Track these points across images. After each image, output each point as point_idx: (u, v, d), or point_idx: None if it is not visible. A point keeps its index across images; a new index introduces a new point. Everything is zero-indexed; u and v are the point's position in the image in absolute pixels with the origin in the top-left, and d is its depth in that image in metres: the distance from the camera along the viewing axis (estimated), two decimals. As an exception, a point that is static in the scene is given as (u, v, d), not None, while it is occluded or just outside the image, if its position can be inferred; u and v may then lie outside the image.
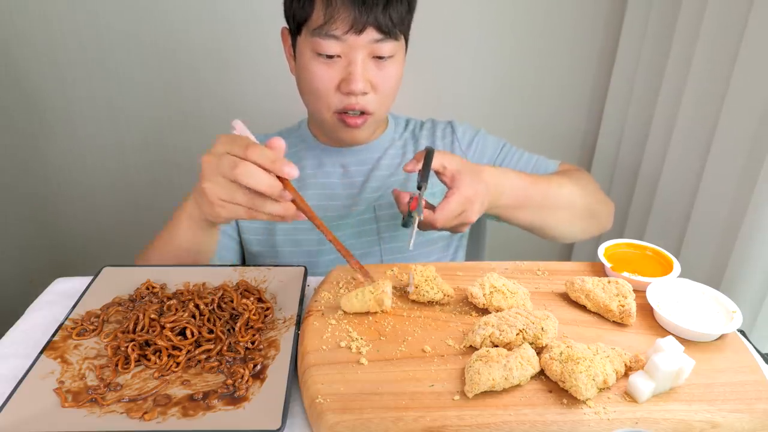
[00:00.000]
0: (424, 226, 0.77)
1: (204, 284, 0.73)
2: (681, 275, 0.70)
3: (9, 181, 1.58)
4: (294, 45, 0.89)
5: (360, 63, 0.83)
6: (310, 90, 0.88)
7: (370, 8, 0.80)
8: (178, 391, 0.56)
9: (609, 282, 0.67)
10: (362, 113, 0.88)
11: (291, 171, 0.61)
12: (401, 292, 0.70)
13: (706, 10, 1.11)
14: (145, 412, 0.53)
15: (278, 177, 0.62)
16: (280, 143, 0.64)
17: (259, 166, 0.61)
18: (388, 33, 0.82)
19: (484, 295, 0.65)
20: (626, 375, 0.56)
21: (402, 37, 0.88)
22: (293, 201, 0.65)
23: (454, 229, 0.80)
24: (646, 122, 1.37)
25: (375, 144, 1.01)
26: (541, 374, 0.56)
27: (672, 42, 1.23)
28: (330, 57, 0.83)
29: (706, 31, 1.12)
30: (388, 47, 0.84)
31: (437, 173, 0.78)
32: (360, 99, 0.86)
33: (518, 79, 1.54)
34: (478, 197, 0.77)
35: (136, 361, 0.59)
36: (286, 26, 0.91)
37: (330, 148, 1.00)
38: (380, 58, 0.84)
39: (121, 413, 0.53)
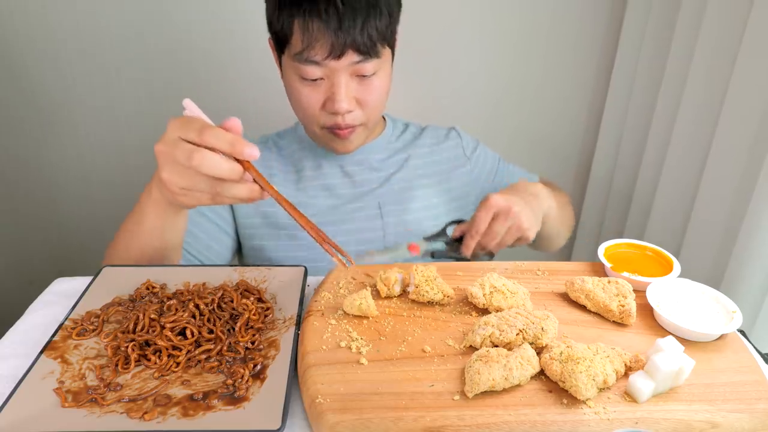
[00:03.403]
0: (476, 249, 0.79)
1: (204, 284, 0.73)
2: (681, 275, 0.70)
3: (9, 181, 1.58)
4: (280, 58, 0.89)
5: (343, 84, 0.83)
6: (298, 108, 0.89)
7: (347, 31, 0.78)
8: (178, 391, 0.56)
9: (609, 282, 0.67)
10: (350, 126, 0.88)
11: (251, 152, 0.58)
12: (401, 292, 0.70)
13: (706, 10, 1.11)
14: (145, 412, 0.53)
15: (238, 159, 0.59)
16: (236, 124, 0.61)
17: (217, 150, 0.58)
18: (368, 53, 0.81)
19: (484, 295, 0.65)
20: (626, 375, 0.56)
21: (386, 48, 0.86)
22: (256, 182, 0.62)
23: (516, 244, 0.82)
24: (645, 123, 1.37)
25: (372, 145, 1.01)
26: (541, 374, 0.56)
27: (672, 42, 1.23)
28: (314, 80, 0.84)
29: (706, 31, 1.12)
30: (370, 66, 0.83)
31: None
32: (347, 117, 0.86)
33: (517, 80, 1.54)
34: (514, 204, 0.77)
35: (136, 361, 0.59)
36: None
37: (326, 151, 1.00)
38: (363, 76, 0.84)
39: (121, 413, 0.53)
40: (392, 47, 0.89)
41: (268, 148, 1.02)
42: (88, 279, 0.73)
